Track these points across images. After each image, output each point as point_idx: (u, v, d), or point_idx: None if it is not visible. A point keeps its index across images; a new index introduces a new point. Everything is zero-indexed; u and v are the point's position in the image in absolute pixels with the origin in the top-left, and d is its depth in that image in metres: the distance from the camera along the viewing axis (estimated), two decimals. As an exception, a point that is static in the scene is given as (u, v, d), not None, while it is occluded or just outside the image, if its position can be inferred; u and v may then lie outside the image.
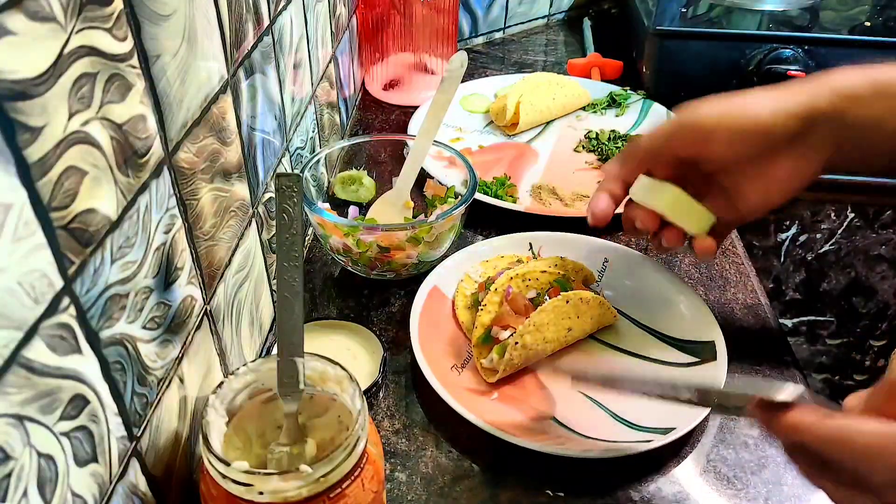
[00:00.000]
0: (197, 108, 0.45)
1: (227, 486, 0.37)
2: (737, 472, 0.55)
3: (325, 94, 0.85)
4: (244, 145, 0.55)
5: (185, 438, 0.47)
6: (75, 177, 0.32)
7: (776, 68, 1.03)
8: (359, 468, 0.40)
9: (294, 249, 0.42)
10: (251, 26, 0.55)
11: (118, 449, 0.38)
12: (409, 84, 1.08)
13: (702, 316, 0.66)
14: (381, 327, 0.68)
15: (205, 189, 0.47)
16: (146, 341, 0.40)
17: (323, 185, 0.77)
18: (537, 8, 1.36)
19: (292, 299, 0.42)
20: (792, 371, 0.64)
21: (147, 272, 0.40)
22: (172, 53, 0.41)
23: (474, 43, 1.30)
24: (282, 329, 0.42)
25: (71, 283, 0.32)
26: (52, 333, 0.31)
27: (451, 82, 0.73)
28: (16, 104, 0.28)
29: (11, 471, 0.29)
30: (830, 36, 1.05)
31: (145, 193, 0.39)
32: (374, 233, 0.66)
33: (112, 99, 0.35)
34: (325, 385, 0.44)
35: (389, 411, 0.60)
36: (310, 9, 0.74)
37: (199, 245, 0.47)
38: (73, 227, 0.32)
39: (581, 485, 0.54)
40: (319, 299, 0.72)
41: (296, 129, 0.72)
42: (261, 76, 0.58)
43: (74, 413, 0.33)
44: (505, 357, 0.60)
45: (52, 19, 0.30)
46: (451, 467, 0.56)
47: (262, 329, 0.64)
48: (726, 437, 0.58)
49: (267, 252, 0.63)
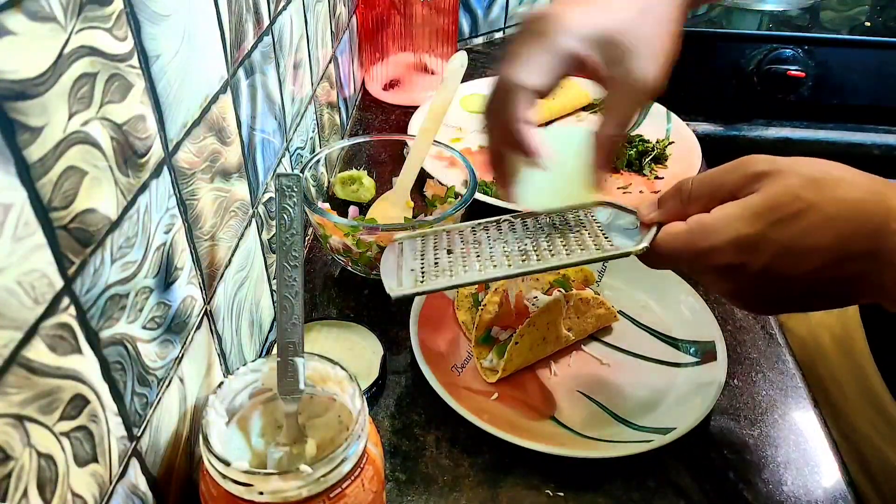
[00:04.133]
0: (197, 108, 0.45)
1: (227, 486, 0.37)
2: (737, 472, 0.55)
3: (325, 94, 0.85)
4: (244, 145, 0.55)
5: (185, 438, 0.47)
6: (75, 177, 0.32)
7: (776, 68, 1.03)
8: (359, 468, 0.40)
9: (294, 249, 0.42)
10: (251, 26, 0.55)
11: (118, 449, 0.38)
12: (409, 84, 1.08)
13: (702, 316, 0.66)
14: (381, 327, 0.68)
15: (205, 189, 0.47)
16: (146, 341, 0.40)
17: (323, 185, 0.77)
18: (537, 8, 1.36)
19: (292, 299, 0.42)
20: (792, 371, 0.64)
21: (147, 272, 0.40)
22: (172, 53, 0.41)
23: (474, 43, 1.30)
24: (282, 329, 0.42)
25: (71, 283, 0.32)
26: (52, 333, 0.31)
27: (451, 82, 0.73)
28: (16, 104, 0.28)
29: (11, 471, 0.29)
30: (830, 36, 1.06)
31: (145, 193, 0.39)
32: (374, 233, 0.66)
33: (112, 99, 0.35)
34: (325, 385, 0.44)
35: (389, 411, 0.60)
36: (310, 9, 0.74)
37: (199, 245, 0.47)
38: (73, 227, 0.32)
39: (581, 485, 0.54)
40: (319, 299, 0.72)
41: (296, 129, 0.72)
42: (261, 76, 0.58)
43: (74, 413, 0.33)
44: (505, 357, 0.60)
45: (52, 19, 0.30)
46: (451, 467, 0.56)
47: (262, 329, 0.64)
48: (726, 438, 0.58)
49: (267, 252, 0.63)
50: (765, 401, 0.61)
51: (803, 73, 1.03)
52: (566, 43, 0.46)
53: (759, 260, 0.41)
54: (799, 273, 0.41)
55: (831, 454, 0.57)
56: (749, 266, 0.42)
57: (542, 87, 0.47)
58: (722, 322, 0.66)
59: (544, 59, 0.47)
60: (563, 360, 0.65)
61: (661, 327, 0.67)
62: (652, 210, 0.47)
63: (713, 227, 0.42)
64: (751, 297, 0.45)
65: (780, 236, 0.40)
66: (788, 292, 0.43)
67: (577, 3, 0.48)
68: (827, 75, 1.05)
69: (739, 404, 0.61)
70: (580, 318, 0.64)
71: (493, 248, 0.51)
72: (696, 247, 0.43)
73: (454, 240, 0.53)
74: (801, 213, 0.40)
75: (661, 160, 0.94)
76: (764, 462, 0.56)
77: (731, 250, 0.41)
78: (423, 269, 0.50)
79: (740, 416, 0.60)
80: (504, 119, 0.48)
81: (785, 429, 0.59)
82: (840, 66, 1.05)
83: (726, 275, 0.43)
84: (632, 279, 0.71)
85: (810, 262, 0.40)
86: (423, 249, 0.53)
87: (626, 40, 0.46)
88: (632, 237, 0.47)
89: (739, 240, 0.41)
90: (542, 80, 0.47)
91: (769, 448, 0.57)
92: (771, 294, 0.44)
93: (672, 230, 0.45)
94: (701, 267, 0.45)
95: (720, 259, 0.42)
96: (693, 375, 0.62)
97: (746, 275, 0.42)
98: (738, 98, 1.08)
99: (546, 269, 0.48)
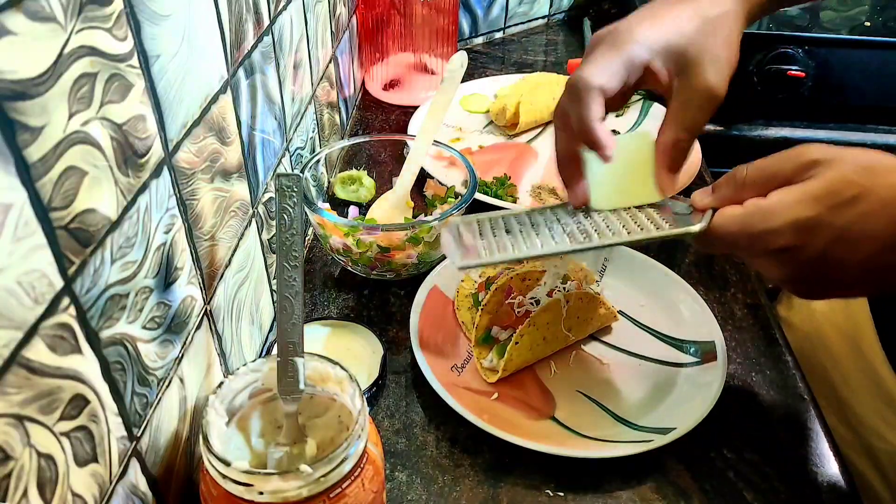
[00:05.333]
0: (197, 108, 0.45)
1: (227, 486, 0.37)
2: (737, 472, 0.55)
3: (325, 94, 0.85)
4: (244, 145, 0.55)
5: (185, 438, 0.47)
6: (75, 177, 0.32)
7: (776, 68, 1.03)
8: (359, 468, 0.40)
9: (294, 249, 0.42)
10: (251, 26, 0.55)
11: (118, 449, 0.38)
12: (409, 84, 1.08)
13: (702, 316, 0.66)
14: (381, 327, 0.68)
15: (205, 189, 0.47)
16: (146, 341, 0.40)
17: (323, 185, 0.77)
18: (537, 8, 1.36)
19: (292, 299, 0.42)
20: (792, 371, 0.64)
21: (147, 272, 0.40)
22: (172, 53, 0.41)
23: (474, 43, 1.30)
24: (282, 329, 0.42)
25: (71, 283, 0.32)
26: (52, 333, 0.31)
27: (451, 82, 0.73)
28: (16, 104, 0.28)
29: (11, 471, 0.29)
30: (830, 36, 1.06)
31: (145, 193, 0.39)
32: (374, 233, 0.66)
33: (112, 99, 0.35)
34: (325, 385, 0.44)
35: (389, 411, 0.60)
36: (310, 9, 0.74)
37: (199, 245, 0.47)
38: (73, 227, 0.32)
39: (581, 485, 0.54)
40: (319, 299, 0.72)
41: (296, 129, 0.72)
42: (261, 76, 0.58)
43: (74, 413, 0.33)
44: (505, 357, 0.60)
45: (52, 19, 0.30)
46: (451, 467, 0.56)
47: (262, 329, 0.64)
48: (726, 437, 0.58)
49: (267, 252, 0.63)
50: (765, 401, 0.61)
51: (803, 73, 1.03)
52: (636, 52, 0.51)
53: (817, 243, 0.42)
54: (854, 258, 0.42)
55: (832, 454, 0.57)
56: (806, 249, 0.42)
57: (611, 88, 0.51)
58: (722, 322, 0.66)
59: (615, 64, 0.51)
60: (563, 360, 0.65)
61: (661, 327, 0.67)
62: (706, 196, 0.48)
63: (771, 210, 0.43)
64: (805, 281, 0.46)
65: (838, 220, 0.41)
66: (842, 277, 0.44)
67: (647, 17, 0.52)
68: (827, 75, 1.05)
69: (739, 404, 0.61)
70: (580, 318, 0.64)
71: (551, 228, 0.51)
72: (753, 229, 0.44)
73: (510, 221, 0.54)
74: (856, 199, 0.41)
75: (661, 160, 0.94)
76: (764, 462, 0.56)
77: (789, 233, 0.42)
78: (486, 244, 0.51)
79: (740, 416, 0.60)
80: (576, 117, 0.51)
81: (785, 429, 0.59)
82: (840, 66, 1.05)
83: (782, 258, 0.44)
84: (632, 279, 0.71)
85: (866, 247, 0.41)
86: (482, 230, 0.53)
87: (692, 51, 0.50)
88: (688, 220, 0.48)
89: (798, 222, 0.42)
90: (611, 81, 0.50)
91: (769, 448, 0.57)
92: (825, 278, 0.44)
93: (729, 212, 0.45)
94: (757, 250, 0.45)
95: (777, 242, 0.43)
96: (693, 375, 0.62)
97: (802, 259, 0.43)
98: (738, 98, 1.08)
99: (607, 246, 0.49)
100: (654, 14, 0.52)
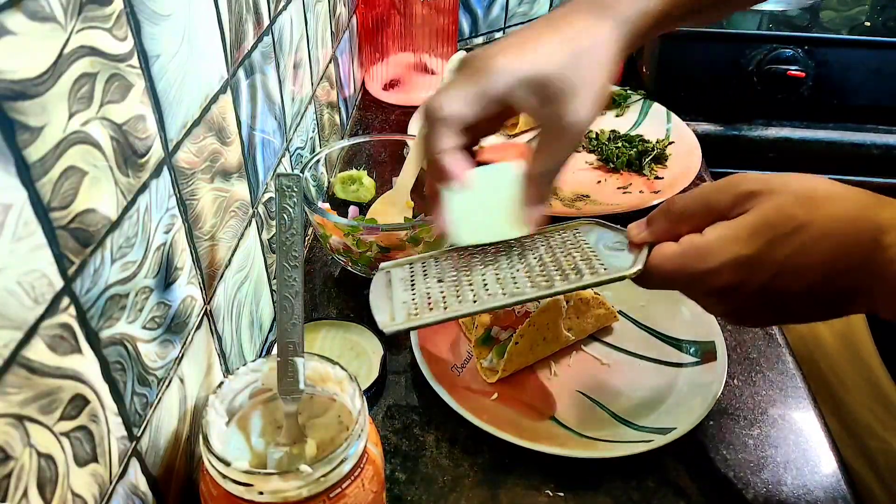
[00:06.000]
0: (197, 108, 0.45)
1: (227, 486, 0.37)
2: (737, 472, 0.55)
3: (325, 94, 0.85)
4: (244, 145, 0.55)
5: (185, 438, 0.47)
6: (75, 177, 0.32)
7: (776, 68, 1.03)
8: (359, 468, 0.40)
9: (294, 249, 0.42)
10: (251, 26, 0.55)
11: (118, 449, 0.38)
12: (409, 84, 1.08)
13: (702, 316, 0.66)
14: (381, 327, 0.68)
15: (205, 189, 0.47)
16: (146, 341, 0.40)
17: (323, 185, 0.77)
18: (537, 8, 1.36)
19: (292, 299, 0.42)
20: (792, 371, 0.64)
21: (147, 272, 0.40)
22: (172, 53, 0.41)
23: (474, 43, 1.30)
24: (282, 329, 0.42)
25: (71, 283, 0.32)
26: (52, 333, 0.31)
27: (451, 82, 0.73)
28: (16, 104, 0.28)
29: (11, 471, 0.29)
30: (830, 36, 1.06)
31: (145, 193, 0.39)
32: (374, 233, 0.66)
33: (112, 99, 0.35)
34: (325, 385, 0.44)
35: (389, 411, 0.60)
36: (310, 9, 0.74)
37: (199, 245, 0.47)
38: (73, 227, 0.32)
39: (581, 485, 0.54)
40: (319, 299, 0.72)
41: (296, 129, 0.72)
42: (261, 76, 0.58)
43: (74, 413, 0.33)
44: (505, 357, 0.60)
45: (52, 19, 0.30)
46: (451, 467, 0.56)
47: (262, 329, 0.64)
48: (726, 437, 0.58)
49: (267, 252, 0.63)
50: (765, 401, 0.61)
51: (803, 73, 1.03)
52: (493, 83, 0.47)
53: (757, 279, 0.41)
54: (796, 289, 0.41)
55: (831, 454, 0.57)
56: (747, 286, 0.42)
57: (464, 118, 0.48)
58: (722, 322, 0.66)
59: (469, 95, 0.47)
60: (563, 360, 0.65)
61: (661, 327, 0.67)
62: (641, 230, 0.47)
63: (708, 250, 0.42)
64: (748, 314, 0.45)
65: (777, 255, 0.40)
66: (785, 308, 0.43)
67: (514, 45, 0.48)
68: (827, 75, 1.05)
69: (739, 404, 0.61)
70: (580, 318, 0.64)
71: (485, 276, 0.49)
72: (691, 269, 0.43)
73: (444, 267, 0.52)
74: (795, 231, 0.40)
75: (661, 160, 0.94)
76: (764, 462, 0.56)
77: (728, 272, 0.41)
78: (415, 300, 0.49)
79: (740, 416, 0.60)
80: (426, 146, 0.49)
81: (785, 429, 0.59)
82: (840, 66, 1.05)
83: (723, 296, 0.43)
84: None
85: (806, 279, 0.40)
86: (414, 279, 0.51)
87: (558, 84, 0.47)
88: (623, 258, 0.47)
89: (737, 261, 0.41)
90: (463, 111, 0.47)
91: (769, 448, 0.57)
92: (768, 310, 0.44)
93: (665, 252, 0.44)
94: (696, 290, 0.45)
95: (717, 281, 0.42)
96: (693, 375, 0.62)
97: (744, 294, 0.42)
98: (738, 98, 1.08)
99: (541, 297, 0.47)
100: (522, 42, 0.49)
